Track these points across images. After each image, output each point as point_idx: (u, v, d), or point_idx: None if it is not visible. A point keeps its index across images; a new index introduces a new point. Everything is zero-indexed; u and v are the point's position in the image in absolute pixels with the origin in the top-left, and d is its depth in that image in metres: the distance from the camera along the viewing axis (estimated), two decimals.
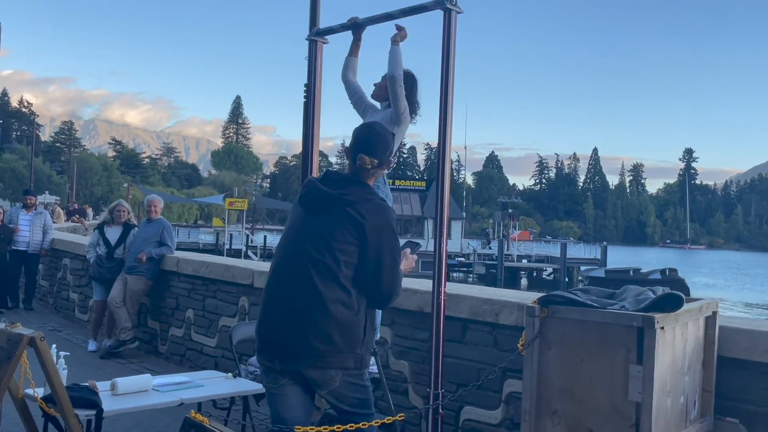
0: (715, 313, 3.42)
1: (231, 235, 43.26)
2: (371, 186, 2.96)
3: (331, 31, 4.18)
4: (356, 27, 4.03)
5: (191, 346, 7.02)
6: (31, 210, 10.37)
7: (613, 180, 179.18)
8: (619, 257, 63.72)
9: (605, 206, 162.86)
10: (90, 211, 36.49)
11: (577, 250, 52.38)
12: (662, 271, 32.12)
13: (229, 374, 4.57)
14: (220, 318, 6.69)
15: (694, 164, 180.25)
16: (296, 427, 2.78)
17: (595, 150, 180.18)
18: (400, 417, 3.18)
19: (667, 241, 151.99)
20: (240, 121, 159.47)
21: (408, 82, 4.03)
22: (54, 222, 12.33)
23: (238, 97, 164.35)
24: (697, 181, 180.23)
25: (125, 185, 57.26)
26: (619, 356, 2.91)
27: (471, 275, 43.91)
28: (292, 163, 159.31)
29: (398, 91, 3.90)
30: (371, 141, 2.97)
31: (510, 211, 55.49)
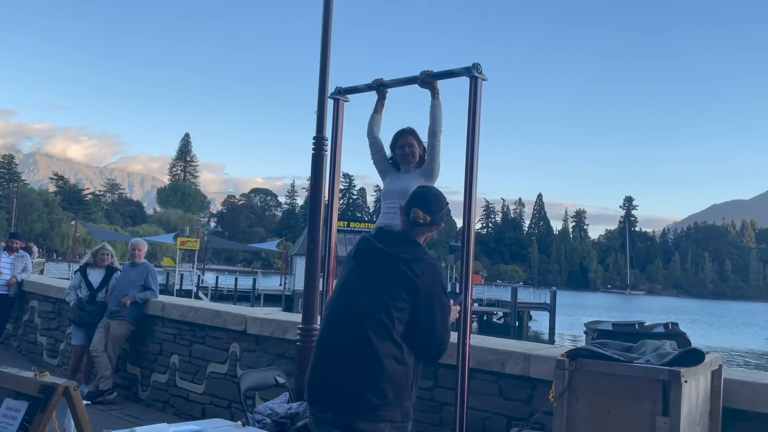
0: (720, 366, 3.66)
1: (182, 275, 42.45)
2: (422, 244, 3.10)
3: (354, 90, 4.37)
4: (380, 88, 4.23)
5: (175, 392, 6.93)
6: (12, 253, 10.10)
7: (556, 225, 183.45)
8: (566, 301, 64.96)
9: (549, 251, 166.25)
10: (35, 249, 35.31)
11: (526, 295, 53.17)
12: (665, 325, 32.82)
13: (238, 423, 4.57)
14: (208, 364, 6.65)
15: (634, 212, 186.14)
16: None
17: (540, 196, 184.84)
18: None
19: (608, 286, 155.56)
20: (188, 159, 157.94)
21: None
22: None
23: (186, 135, 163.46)
24: (637, 228, 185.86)
25: (72, 222, 55.80)
26: (645, 408, 3.10)
27: None
28: (240, 202, 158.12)
29: (437, 147, 4.08)
30: (427, 197, 3.13)
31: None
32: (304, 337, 5.20)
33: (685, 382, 3.06)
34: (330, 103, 4.56)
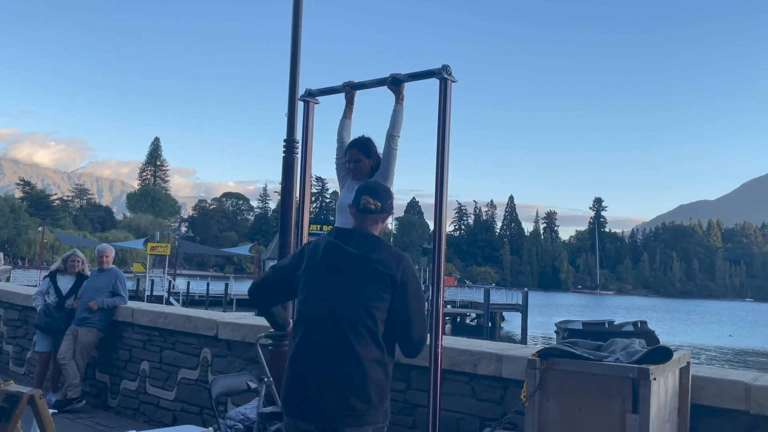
0: (689, 364, 3.71)
1: (153, 281, 41.90)
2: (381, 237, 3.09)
3: (323, 92, 4.35)
4: (350, 89, 4.21)
5: (146, 399, 6.83)
6: None
7: (528, 227, 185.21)
8: (538, 302, 65.48)
9: (521, 252, 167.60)
10: (1, 256, 34.61)
11: (499, 296, 53.49)
12: (634, 324, 33.45)
13: (210, 429, 4.53)
14: (179, 370, 6.56)
15: (603, 213, 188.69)
16: None
17: (511, 198, 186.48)
18: None
19: (579, 286, 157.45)
20: (158, 163, 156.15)
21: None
22: None
23: (156, 139, 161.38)
24: (607, 229, 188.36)
25: (39, 228, 54.78)
26: (615, 406, 3.13)
27: None
28: (211, 207, 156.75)
29: (393, 152, 4.07)
30: (375, 187, 3.14)
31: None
32: (276, 341, 5.16)
33: (654, 379, 3.09)
34: (300, 106, 4.53)
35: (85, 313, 7.20)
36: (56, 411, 6.70)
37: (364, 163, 4.14)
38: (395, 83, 3.97)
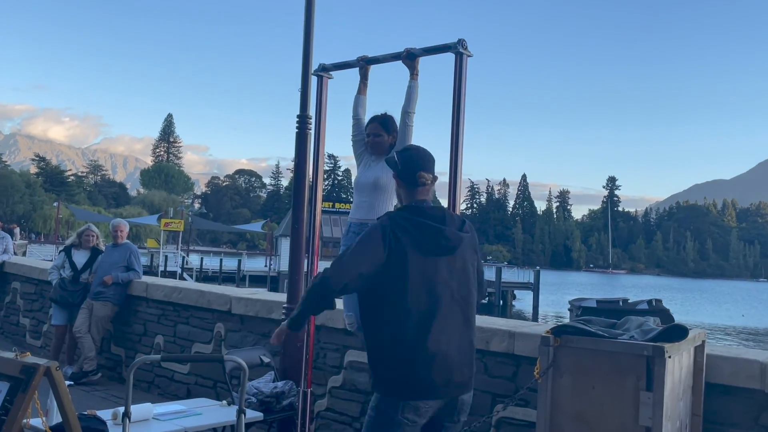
0: (704, 342, 3.69)
1: (166, 256, 42.21)
2: None
3: (337, 67, 4.31)
4: (364, 64, 4.17)
5: (160, 372, 6.90)
6: None
7: (540, 206, 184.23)
8: (550, 281, 65.44)
9: (533, 231, 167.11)
10: (17, 231, 34.95)
11: (510, 275, 53.45)
12: (649, 302, 33.32)
13: (224, 402, 4.56)
14: (193, 344, 6.62)
15: (617, 192, 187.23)
16: None
17: (524, 176, 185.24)
18: None
19: (590, 265, 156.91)
20: (171, 140, 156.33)
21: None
22: None
23: (169, 115, 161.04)
24: (620, 208, 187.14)
25: (54, 204, 55.20)
26: (629, 383, 3.11)
27: None
28: (224, 184, 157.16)
29: (409, 128, 4.04)
30: (424, 157, 3.09)
31: None
32: (289, 316, 5.18)
33: (669, 357, 3.07)
34: (314, 81, 4.49)
35: (100, 287, 7.26)
36: (72, 383, 6.80)
37: (384, 138, 4.13)
38: (410, 58, 3.93)
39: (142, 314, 7.26)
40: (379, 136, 4.17)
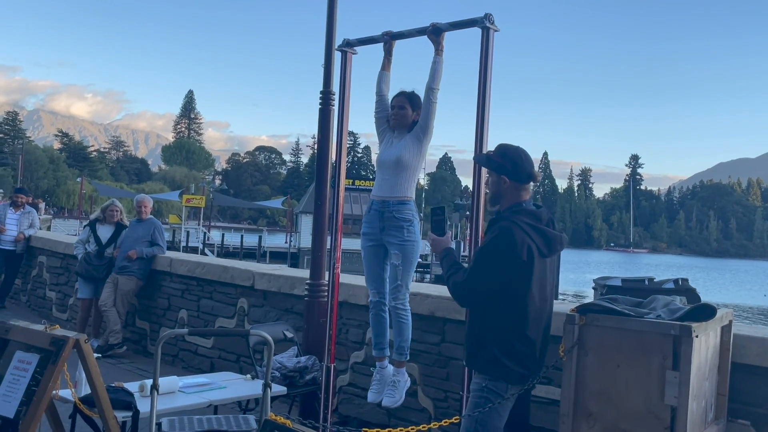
0: (731, 322, 3.65)
1: (188, 232, 42.59)
2: None
3: (362, 42, 4.27)
4: (389, 39, 4.13)
5: (184, 346, 6.99)
6: (19, 209, 10.04)
7: (562, 184, 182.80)
8: (570, 259, 65.13)
9: (554, 209, 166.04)
10: (42, 206, 35.42)
11: None
12: (675, 281, 33.00)
13: (248, 376, 4.62)
14: (216, 319, 6.70)
15: (639, 170, 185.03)
16: None
17: (546, 154, 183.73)
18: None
19: (611, 244, 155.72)
20: (192, 116, 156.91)
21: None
22: None
23: (190, 92, 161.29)
24: (642, 187, 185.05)
25: (78, 179, 55.84)
26: (655, 362, 3.09)
27: (428, 275, 44.28)
28: (245, 160, 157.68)
29: (433, 105, 4.01)
30: (528, 154, 3.34)
31: (467, 213, 56.08)
32: (312, 292, 5.21)
33: (696, 337, 3.05)
34: (337, 57, 4.47)
35: (124, 261, 7.35)
36: (99, 356, 6.90)
37: (408, 112, 4.11)
38: (436, 33, 3.89)
39: (166, 289, 7.35)
40: (404, 109, 4.16)
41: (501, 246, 3.14)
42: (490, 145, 3.69)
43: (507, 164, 3.25)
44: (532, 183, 3.30)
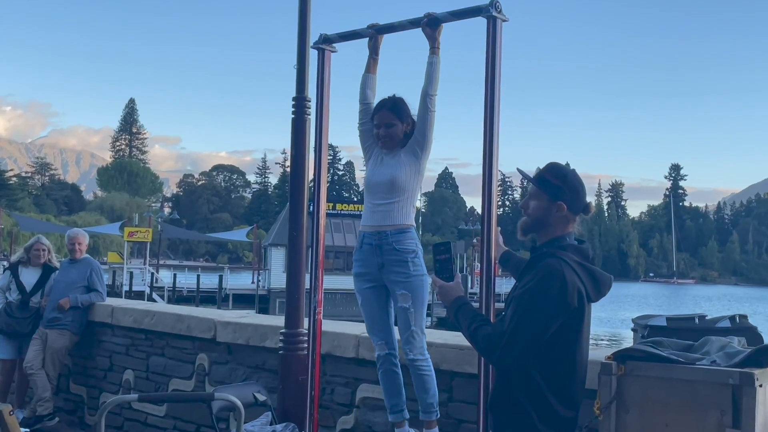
0: None
1: (132, 273, 42.50)
2: None
3: (342, 37, 4.32)
4: (375, 33, 4.18)
5: (131, 415, 6.95)
6: None
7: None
8: None
9: (580, 233, 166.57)
10: None
11: None
12: (731, 318, 33.07)
13: None
14: (170, 380, 6.68)
15: (682, 183, 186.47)
16: None
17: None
18: None
19: (651, 274, 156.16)
20: (134, 131, 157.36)
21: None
22: None
23: (131, 101, 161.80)
24: (687, 203, 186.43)
25: None
26: (711, 419, 3.11)
27: (429, 318, 44.26)
28: (200, 183, 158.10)
29: (430, 114, 4.05)
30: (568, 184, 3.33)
31: (475, 240, 56.21)
32: (288, 343, 5.21)
33: (760, 386, 3.07)
34: (313, 55, 4.51)
35: (55, 312, 7.33)
36: (27, 430, 6.85)
37: (397, 128, 4.15)
38: (432, 24, 3.93)
39: (106, 344, 7.34)
40: (392, 126, 4.20)
41: (552, 290, 3.03)
42: (502, 157, 3.73)
43: (567, 190, 3.23)
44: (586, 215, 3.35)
